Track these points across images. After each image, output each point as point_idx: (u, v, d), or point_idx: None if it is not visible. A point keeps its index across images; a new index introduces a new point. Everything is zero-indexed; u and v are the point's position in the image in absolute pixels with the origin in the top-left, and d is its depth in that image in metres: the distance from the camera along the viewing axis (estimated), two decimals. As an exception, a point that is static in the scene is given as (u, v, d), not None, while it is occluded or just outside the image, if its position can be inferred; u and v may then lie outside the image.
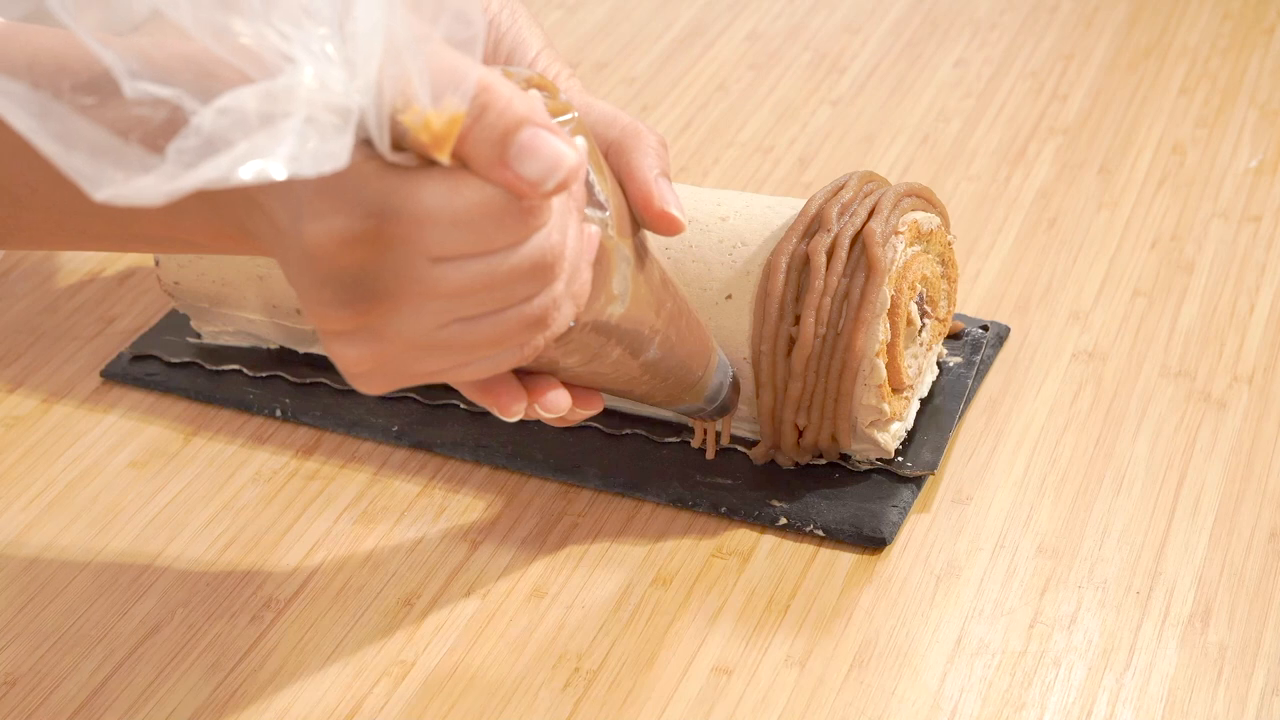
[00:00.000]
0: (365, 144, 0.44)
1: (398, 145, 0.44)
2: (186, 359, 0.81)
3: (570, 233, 0.49)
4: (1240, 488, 0.71)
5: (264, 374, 0.79)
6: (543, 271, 0.47)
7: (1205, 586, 0.67)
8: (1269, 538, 0.69)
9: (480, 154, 0.45)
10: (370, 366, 0.48)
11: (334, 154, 0.43)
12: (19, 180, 0.51)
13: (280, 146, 0.42)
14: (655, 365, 0.60)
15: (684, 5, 1.12)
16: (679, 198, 0.59)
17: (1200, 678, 0.63)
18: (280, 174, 0.42)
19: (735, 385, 0.68)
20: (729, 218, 0.71)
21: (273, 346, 0.80)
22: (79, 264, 0.89)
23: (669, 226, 0.58)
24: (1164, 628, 0.65)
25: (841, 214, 0.69)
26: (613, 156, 0.58)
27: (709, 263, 0.70)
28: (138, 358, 0.81)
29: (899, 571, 0.68)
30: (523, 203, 0.46)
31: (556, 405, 0.57)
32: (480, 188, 0.45)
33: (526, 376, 0.56)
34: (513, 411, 0.56)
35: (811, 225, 0.70)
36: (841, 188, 0.71)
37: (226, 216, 0.48)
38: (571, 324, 0.52)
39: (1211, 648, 0.64)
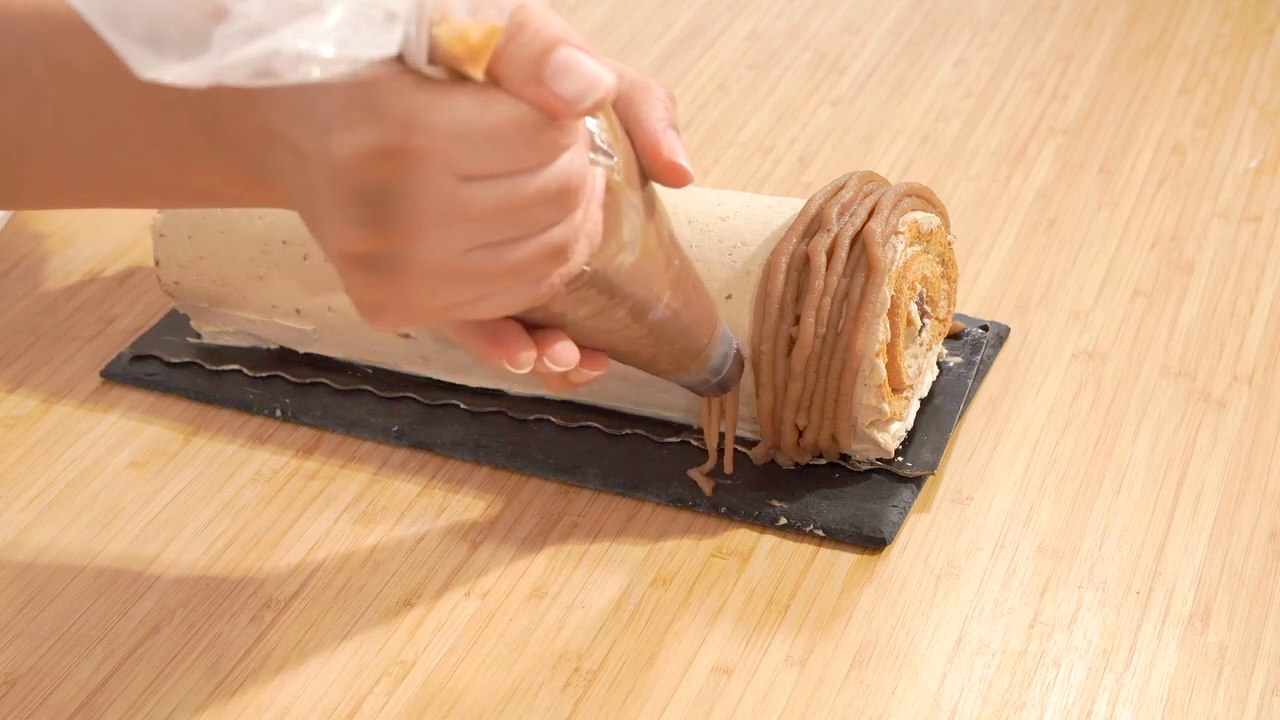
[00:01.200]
0: (398, 58, 0.44)
1: (431, 59, 0.44)
2: (186, 359, 0.81)
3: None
4: (1240, 488, 0.71)
5: (264, 374, 0.79)
6: (566, 196, 0.47)
7: (1205, 586, 0.67)
8: (1269, 538, 0.69)
9: (515, 71, 0.45)
10: (387, 296, 0.47)
11: (383, 44, 0.42)
12: (28, 129, 0.51)
13: (331, 30, 0.42)
14: (661, 327, 0.60)
15: (684, 5, 1.12)
16: (687, 150, 0.59)
17: (1200, 678, 0.63)
18: (329, 53, 0.41)
19: (739, 360, 0.68)
20: (729, 218, 0.71)
21: (273, 346, 0.80)
22: (79, 264, 0.90)
23: (677, 177, 0.58)
24: (1164, 628, 0.65)
25: (841, 214, 0.69)
26: (620, 109, 0.58)
27: (709, 263, 0.70)
28: (138, 358, 0.81)
29: (899, 571, 0.68)
30: (555, 122, 0.46)
31: (564, 358, 0.56)
32: (512, 104, 0.45)
33: (534, 330, 0.56)
34: (521, 361, 0.55)
35: (811, 225, 0.70)
36: (841, 188, 0.71)
37: (240, 156, 0.48)
38: (585, 267, 0.52)
39: (1211, 648, 0.64)
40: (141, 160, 0.50)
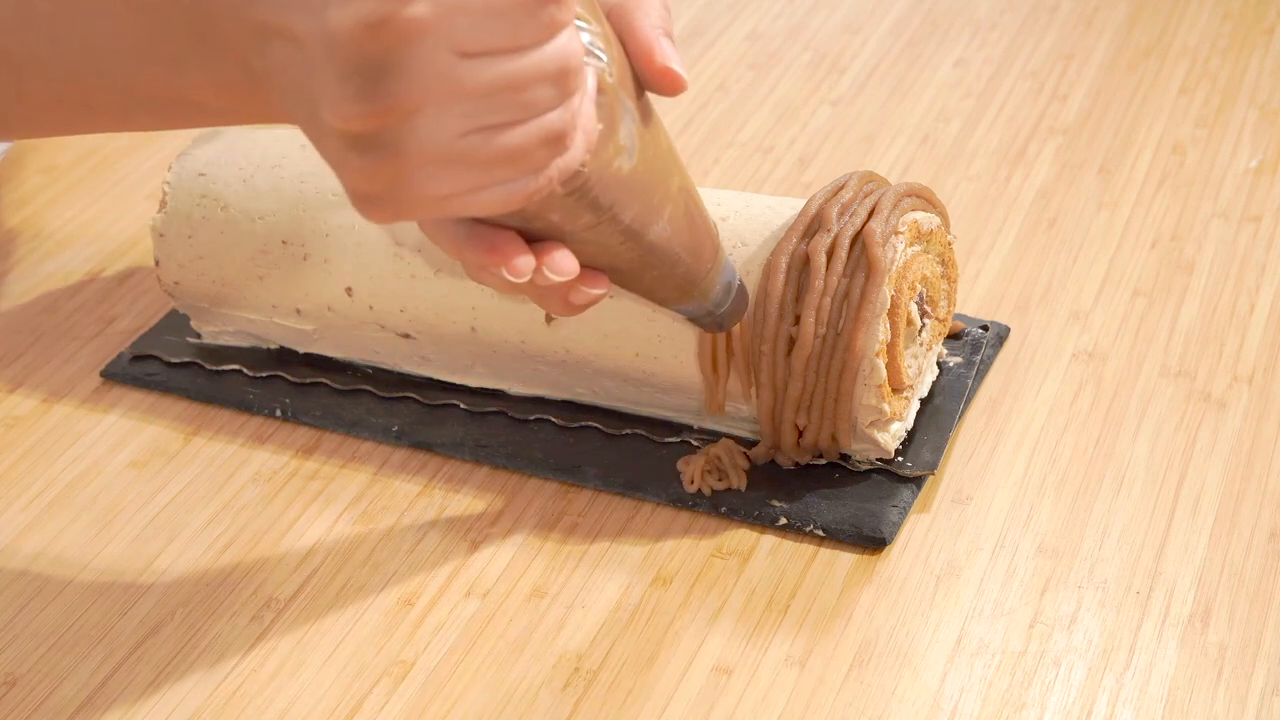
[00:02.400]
0: None
1: None
2: (186, 359, 0.81)
3: None
4: (1240, 488, 0.71)
5: (264, 374, 0.79)
6: (564, 77, 0.47)
7: (1205, 586, 0.67)
8: (1269, 538, 0.69)
9: None
10: (384, 183, 0.47)
11: None
12: (19, 45, 0.51)
13: None
14: (661, 247, 0.59)
15: (684, 5, 1.12)
16: (681, 58, 0.58)
17: (1200, 678, 0.63)
18: None
19: (743, 293, 0.67)
20: (729, 218, 0.71)
21: (273, 346, 0.80)
22: (79, 264, 0.90)
23: (671, 84, 0.57)
24: (1164, 628, 0.65)
25: (841, 214, 0.69)
26: (614, 18, 0.57)
27: (709, 263, 0.70)
28: (138, 358, 0.81)
29: (899, 571, 0.68)
30: None
31: (563, 266, 0.55)
32: None
33: (532, 243, 0.55)
34: (518, 268, 0.54)
35: (811, 225, 0.70)
36: (841, 188, 0.71)
37: (233, 61, 0.48)
38: (582, 167, 0.51)
39: (1211, 648, 0.64)
40: (133, 71, 0.50)
